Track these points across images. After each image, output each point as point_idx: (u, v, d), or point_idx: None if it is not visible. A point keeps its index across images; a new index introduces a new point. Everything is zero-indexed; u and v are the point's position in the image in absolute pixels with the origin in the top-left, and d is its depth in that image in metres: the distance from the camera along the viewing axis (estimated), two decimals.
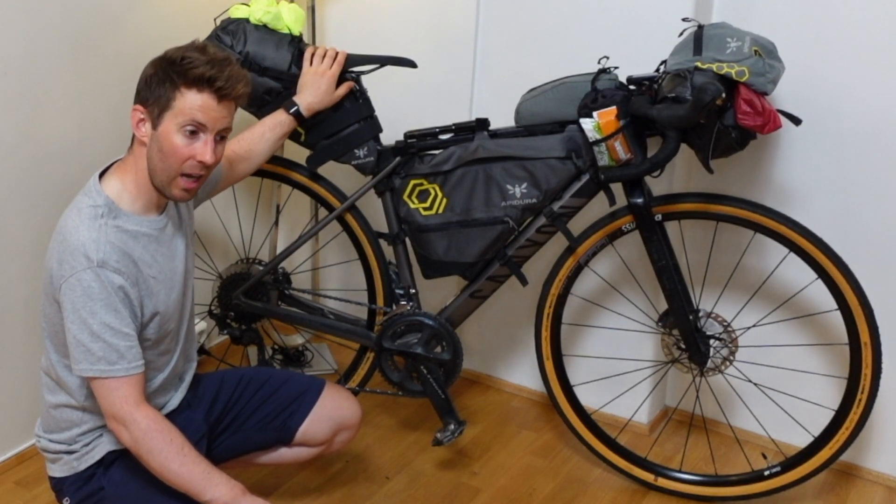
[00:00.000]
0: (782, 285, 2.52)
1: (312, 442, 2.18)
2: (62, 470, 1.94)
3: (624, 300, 2.68)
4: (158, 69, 1.75)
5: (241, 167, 2.23)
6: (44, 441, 1.96)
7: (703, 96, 1.98)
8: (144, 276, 1.81)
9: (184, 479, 1.75)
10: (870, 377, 2.23)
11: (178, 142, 1.74)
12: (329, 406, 2.18)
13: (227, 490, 1.75)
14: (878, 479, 2.57)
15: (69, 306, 1.72)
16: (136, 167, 1.81)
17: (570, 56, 2.48)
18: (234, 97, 1.77)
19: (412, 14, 2.79)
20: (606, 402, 2.73)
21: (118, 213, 1.78)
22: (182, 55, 1.73)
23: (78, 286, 1.71)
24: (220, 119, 1.76)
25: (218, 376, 2.18)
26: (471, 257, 2.37)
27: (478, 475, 2.57)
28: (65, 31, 2.39)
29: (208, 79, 1.72)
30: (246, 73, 1.81)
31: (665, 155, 2.12)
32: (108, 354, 1.72)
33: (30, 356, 2.50)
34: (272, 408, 2.14)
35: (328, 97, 2.31)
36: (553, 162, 2.27)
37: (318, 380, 2.23)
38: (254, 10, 2.35)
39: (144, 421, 1.74)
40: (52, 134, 2.42)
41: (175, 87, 1.73)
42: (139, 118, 1.77)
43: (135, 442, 1.75)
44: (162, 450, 1.74)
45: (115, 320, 1.73)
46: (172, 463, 1.74)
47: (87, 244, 1.72)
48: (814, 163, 2.44)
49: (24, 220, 2.41)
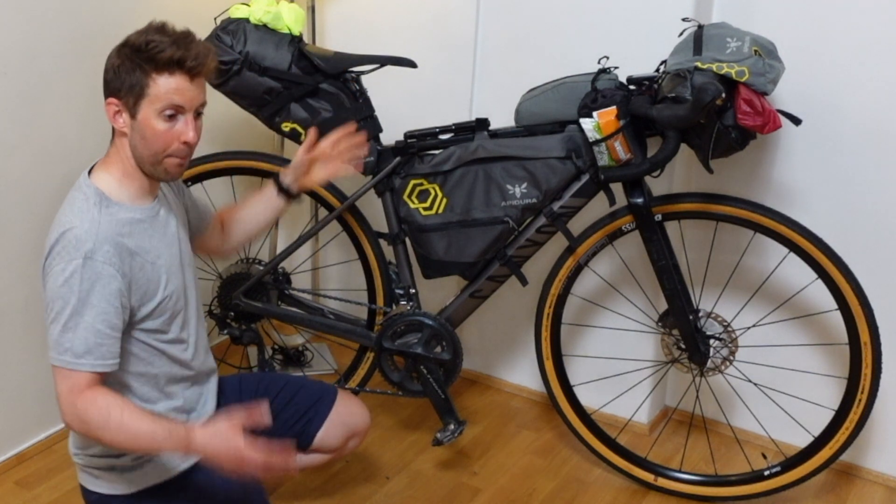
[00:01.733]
0: (782, 285, 2.52)
1: (326, 448, 2.18)
2: (108, 487, 1.89)
3: (624, 300, 2.68)
4: (125, 58, 1.72)
5: (231, 228, 2.19)
6: (84, 457, 1.91)
7: (703, 96, 1.98)
8: (142, 263, 1.78)
9: (134, 445, 1.71)
10: (870, 377, 2.23)
11: (160, 127, 1.73)
12: (343, 412, 2.18)
13: (176, 443, 1.70)
14: (878, 479, 2.57)
15: (49, 294, 1.71)
16: (120, 157, 1.80)
17: (570, 56, 2.48)
18: (206, 73, 1.76)
19: (412, 14, 2.79)
20: (606, 402, 2.73)
21: (109, 202, 1.77)
22: (145, 40, 1.71)
23: (61, 276, 1.70)
24: (195, 97, 1.76)
25: (236, 379, 2.16)
26: (471, 257, 2.37)
27: (478, 475, 2.57)
28: (65, 31, 2.39)
29: (178, 60, 1.70)
30: (209, 44, 1.80)
31: (665, 155, 2.12)
32: (76, 347, 1.69)
33: (29, 356, 2.50)
34: (291, 413, 2.13)
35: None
36: (553, 162, 2.27)
37: (331, 386, 2.23)
38: (254, 10, 2.35)
39: (83, 406, 1.69)
40: (52, 134, 2.42)
41: (146, 73, 1.71)
42: (115, 110, 1.76)
43: (79, 424, 1.70)
44: (102, 426, 1.69)
45: (91, 314, 1.70)
46: (117, 435, 1.69)
47: (80, 234, 1.71)
48: (814, 163, 2.44)
49: (24, 219, 2.41)
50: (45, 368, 2.53)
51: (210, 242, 2.17)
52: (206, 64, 1.75)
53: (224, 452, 1.67)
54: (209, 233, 2.15)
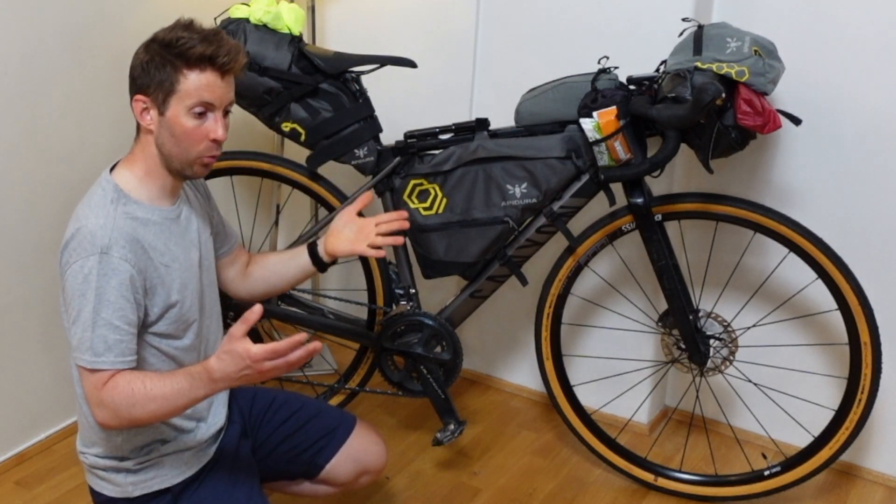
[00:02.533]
0: (782, 285, 2.52)
1: (334, 481, 2.10)
2: (113, 489, 1.87)
3: (624, 300, 2.68)
4: (154, 54, 1.71)
5: (253, 270, 2.11)
6: (90, 457, 1.88)
7: (703, 96, 1.98)
8: (155, 263, 1.76)
9: (171, 408, 1.69)
10: (870, 377, 2.23)
11: (189, 124, 1.72)
12: (357, 447, 2.10)
13: (203, 385, 1.67)
14: (878, 479, 2.57)
15: (68, 292, 1.70)
16: (144, 156, 1.78)
17: (570, 56, 2.48)
18: (236, 70, 1.75)
19: (412, 14, 2.79)
20: (606, 402, 2.73)
21: (128, 200, 1.76)
22: (175, 36, 1.70)
23: (79, 273, 1.68)
24: (225, 95, 1.74)
25: (251, 392, 2.11)
26: (471, 257, 2.37)
27: (478, 475, 2.57)
28: (65, 31, 2.39)
29: (209, 57, 1.69)
30: (238, 43, 1.78)
31: (665, 155, 2.12)
32: (96, 345, 1.68)
33: (29, 356, 2.50)
34: (302, 439, 2.06)
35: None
36: (553, 162, 2.27)
37: (349, 417, 2.15)
38: (254, 10, 2.35)
39: (108, 394, 1.68)
40: (52, 134, 2.42)
41: (177, 69, 1.70)
42: (142, 107, 1.74)
43: (112, 415, 1.69)
44: (132, 404, 1.67)
45: (109, 311, 1.69)
46: (149, 405, 1.67)
47: (95, 230, 1.70)
48: (814, 163, 2.44)
49: (24, 219, 2.41)
50: (44, 368, 2.55)
51: (226, 272, 2.07)
52: (238, 60, 1.73)
53: (242, 368, 1.63)
54: (228, 260, 2.07)
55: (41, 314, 2.50)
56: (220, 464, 1.93)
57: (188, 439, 1.88)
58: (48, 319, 2.50)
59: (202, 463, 1.90)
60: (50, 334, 2.52)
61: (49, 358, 2.54)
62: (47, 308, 2.49)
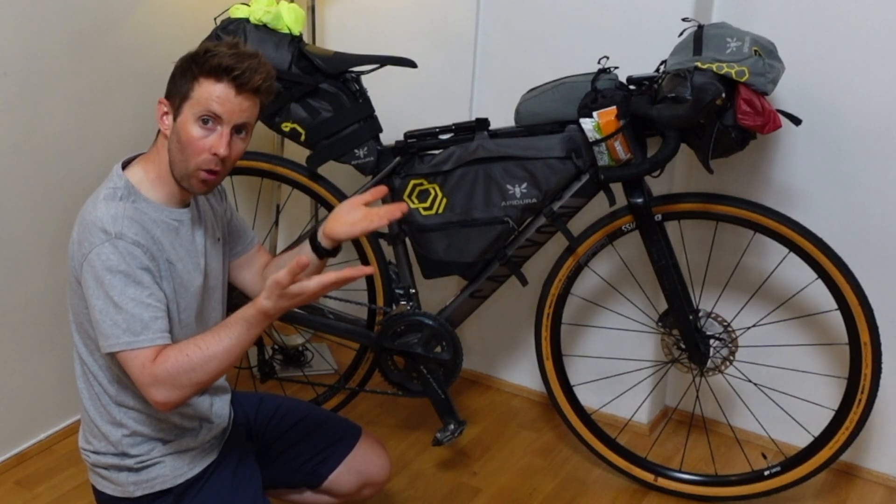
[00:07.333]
0: (782, 285, 2.52)
1: (336, 492, 2.09)
2: (114, 489, 1.86)
3: (624, 300, 2.68)
4: (182, 62, 1.74)
5: (269, 270, 2.07)
6: (91, 456, 1.88)
7: (703, 96, 1.98)
8: (162, 257, 1.76)
9: (232, 358, 1.69)
10: (870, 377, 2.23)
11: (194, 132, 1.71)
12: (361, 459, 2.09)
13: (259, 324, 1.67)
14: (878, 479, 2.57)
15: (91, 282, 1.69)
16: (159, 159, 1.78)
17: (570, 56, 2.48)
18: (253, 89, 1.72)
19: (412, 14, 2.79)
20: (606, 402, 2.73)
21: (138, 196, 1.76)
22: (205, 48, 1.72)
23: (97, 260, 1.67)
24: (236, 112, 1.72)
25: (257, 397, 2.11)
26: (471, 257, 2.37)
27: (478, 475, 2.57)
28: (65, 31, 2.39)
29: (226, 68, 1.69)
30: (271, 68, 1.76)
31: (665, 155, 2.12)
32: (133, 325, 1.66)
33: (29, 356, 2.50)
34: (305, 449, 2.06)
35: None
36: (553, 162, 2.27)
37: (355, 428, 2.14)
38: (254, 10, 2.35)
39: (160, 367, 1.66)
40: (52, 134, 2.42)
41: (194, 77, 1.71)
42: (163, 111, 1.76)
43: (172, 388, 1.67)
44: (189, 368, 1.66)
45: (137, 291, 1.68)
46: (209, 364, 1.66)
47: (104, 219, 1.69)
48: (814, 163, 2.44)
49: (25, 220, 2.41)
50: (45, 368, 2.54)
51: (243, 274, 2.06)
52: (254, 79, 1.71)
53: (297, 304, 1.65)
54: (245, 259, 2.06)
55: (41, 314, 2.50)
56: (223, 466, 1.93)
57: (190, 439, 1.88)
58: (48, 320, 2.50)
59: (205, 464, 1.90)
60: (50, 334, 2.52)
61: (49, 358, 2.54)
62: (47, 308, 2.49)
